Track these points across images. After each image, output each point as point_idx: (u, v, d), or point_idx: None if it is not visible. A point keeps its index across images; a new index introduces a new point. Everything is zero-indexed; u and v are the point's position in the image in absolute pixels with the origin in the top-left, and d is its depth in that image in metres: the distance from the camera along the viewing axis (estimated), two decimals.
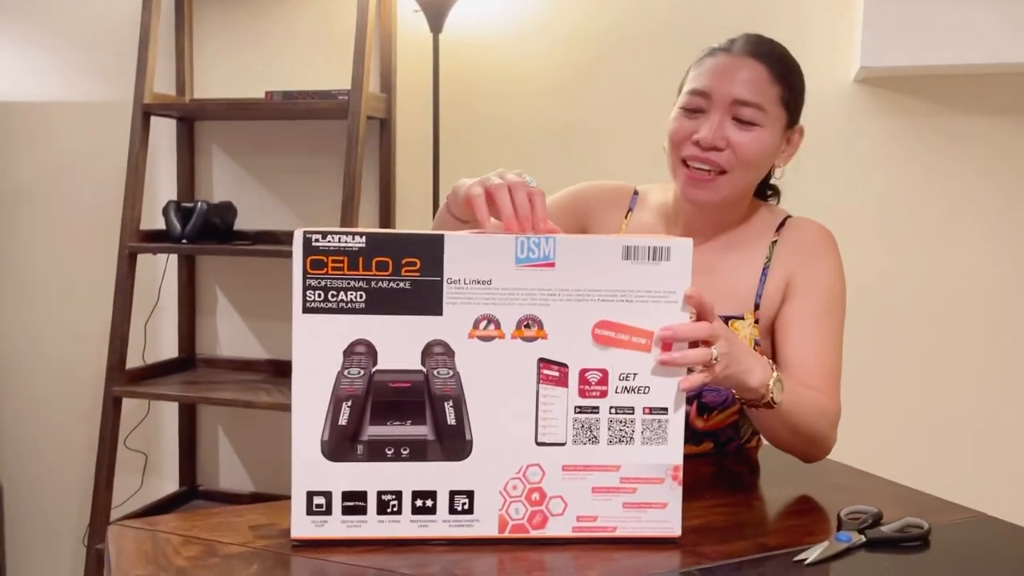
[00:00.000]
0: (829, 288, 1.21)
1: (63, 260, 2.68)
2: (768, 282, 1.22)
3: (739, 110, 1.15)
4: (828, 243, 1.24)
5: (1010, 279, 2.09)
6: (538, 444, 0.88)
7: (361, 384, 0.86)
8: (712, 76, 1.17)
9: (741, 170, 1.17)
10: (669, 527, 0.91)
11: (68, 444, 2.72)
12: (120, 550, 0.86)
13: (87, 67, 2.61)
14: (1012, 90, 2.06)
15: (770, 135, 1.18)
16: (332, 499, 0.87)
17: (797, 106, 1.23)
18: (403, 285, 0.85)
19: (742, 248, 1.25)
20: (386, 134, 2.38)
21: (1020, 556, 0.89)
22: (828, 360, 1.18)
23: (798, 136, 1.26)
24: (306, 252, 0.85)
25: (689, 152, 1.16)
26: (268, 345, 2.55)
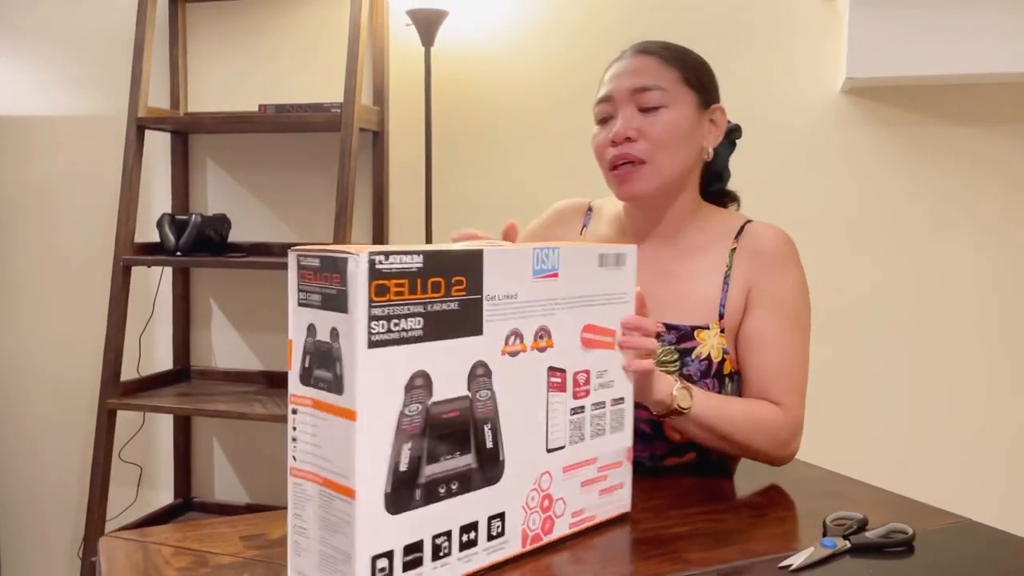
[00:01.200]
0: (790, 299, 1.21)
1: (58, 273, 2.68)
2: (730, 291, 1.22)
3: (640, 98, 1.19)
4: (787, 252, 1.23)
5: (995, 287, 2.11)
6: (548, 451, 0.90)
7: (419, 421, 0.76)
8: (610, 81, 1.23)
9: (660, 154, 1.19)
10: (625, 504, 1.00)
11: (63, 456, 2.72)
12: (111, 561, 0.87)
13: (81, 81, 2.62)
14: (998, 100, 2.08)
15: (678, 113, 1.20)
16: (394, 559, 0.75)
17: (704, 85, 1.24)
18: (452, 306, 0.78)
19: (701, 255, 1.25)
20: (379, 146, 2.40)
21: (1004, 561, 0.90)
22: (789, 372, 1.20)
23: (720, 115, 1.27)
24: (371, 277, 0.71)
25: (611, 155, 1.20)
26: (262, 357, 2.56)
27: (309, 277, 0.74)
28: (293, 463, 0.76)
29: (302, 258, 0.74)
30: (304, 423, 0.75)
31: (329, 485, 0.73)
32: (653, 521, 1.00)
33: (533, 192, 2.33)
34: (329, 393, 0.73)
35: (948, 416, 2.14)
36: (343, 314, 0.72)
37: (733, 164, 1.40)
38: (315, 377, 0.74)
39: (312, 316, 0.74)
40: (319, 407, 0.74)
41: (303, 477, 0.76)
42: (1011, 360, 2.11)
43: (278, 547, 0.90)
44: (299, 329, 0.75)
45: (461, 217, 2.38)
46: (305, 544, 0.76)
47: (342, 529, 0.73)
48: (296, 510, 0.77)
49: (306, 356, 0.75)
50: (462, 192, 2.39)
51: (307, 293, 0.74)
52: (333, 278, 0.72)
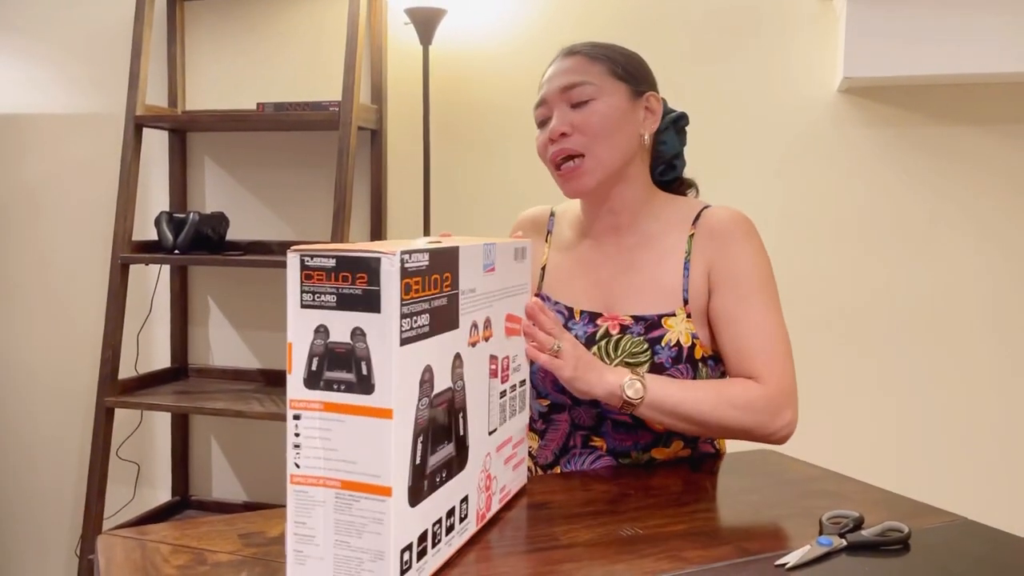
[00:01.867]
0: (751, 271, 1.22)
1: (55, 271, 2.68)
2: (691, 275, 1.24)
3: (571, 95, 1.23)
4: (742, 228, 1.24)
5: (993, 285, 2.11)
6: (488, 434, 0.95)
7: (426, 415, 0.78)
8: (543, 86, 1.27)
9: (596, 144, 1.22)
10: (524, 477, 1.09)
11: (61, 455, 2.72)
12: (109, 559, 0.87)
13: (79, 79, 2.62)
14: (995, 100, 2.08)
15: (608, 104, 1.22)
16: (413, 550, 0.77)
17: (632, 76, 1.26)
18: (444, 302, 0.81)
19: (658, 243, 1.27)
20: (377, 145, 2.40)
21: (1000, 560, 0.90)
22: (763, 344, 1.19)
23: (655, 101, 1.28)
24: (402, 276, 0.72)
25: (550, 153, 1.24)
26: (260, 355, 2.56)
27: (319, 278, 0.72)
28: (296, 470, 0.75)
29: (308, 259, 0.73)
30: (311, 428, 0.74)
31: (352, 487, 0.73)
32: (650, 519, 1.00)
33: (530, 190, 2.33)
34: (350, 394, 0.72)
35: (945, 415, 2.15)
36: (373, 314, 0.72)
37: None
38: (327, 380, 0.73)
39: (322, 317, 0.73)
40: (333, 409, 0.73)
41: (310, 483, 0.74)
42: (1009, 358, 2.11)
43: (276, 545, 0.91)
44: (304, 331, 0.73)
45: (459, 215, 2.38)
46: (312, 551, 0.75)
47: (372, 529, 0.73)
48: (299, 518, 0.75)
49: (313, 358, 0.73)
50: (460, 190, 2.39)
51: (315, 294, 0.73)
52: (358, 278, 0.72)
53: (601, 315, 1.26)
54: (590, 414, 1.26)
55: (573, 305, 1.29)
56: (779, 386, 1.18)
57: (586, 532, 0.96)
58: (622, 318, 1.24)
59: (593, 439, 1.26)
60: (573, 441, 1.27)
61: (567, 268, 1.33)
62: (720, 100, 2.22)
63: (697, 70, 2.22)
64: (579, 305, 1.28)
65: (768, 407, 1.16)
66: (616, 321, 1.24)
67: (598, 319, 1.25)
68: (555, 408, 1.28)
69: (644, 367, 1.20)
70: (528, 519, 1.00)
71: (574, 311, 1.28)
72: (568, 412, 1.27)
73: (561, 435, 1.28)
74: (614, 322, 1.24)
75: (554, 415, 1.29)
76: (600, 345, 1.23)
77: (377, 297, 0.72)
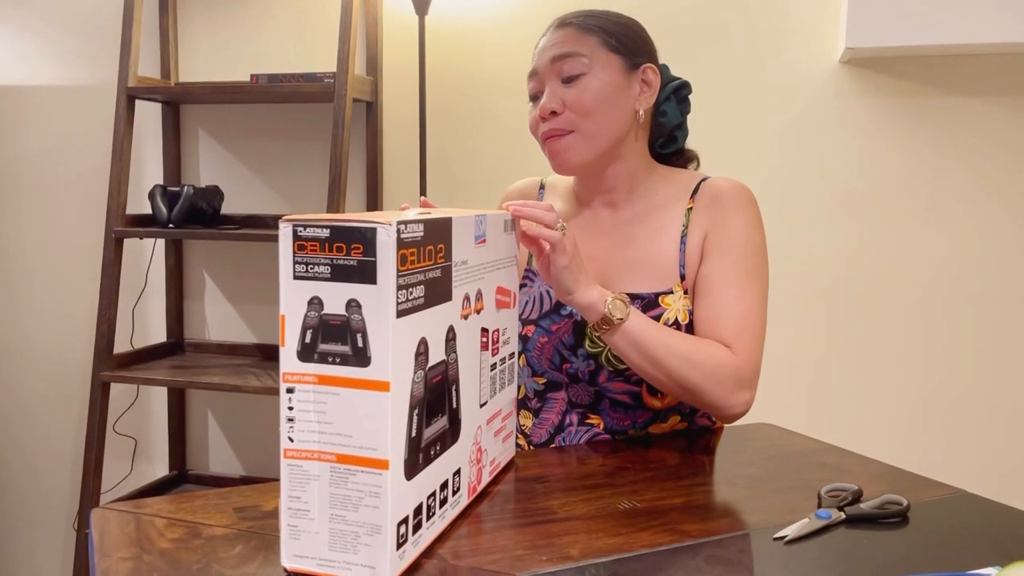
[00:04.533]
0: (742, 242, 1.19)
1: (49, 245, 2.67)
2: (687, 249, 1.21)
3: (561, 67, 1.19)
4: (741, 198, 1.21)
5: (994, 258, 2.10)
6: (480, 407, 0.94)
7: (421, 388, 0.78)
8: (535, 58, 1.23)
9: (586, 121, 1.19)
10: (512, 450, 1.08)
11: (57, 430, 2.72)
12: (104, 533, 0.86)
13: (71, 51, 2.59)
14: (998, 70, 2.06)
15: (600, 78, 1.18)
16: (408, 523, 0.78)
17: (627, 46, 1.21)
18: (438, 273, 0.80)
19: (657, 216, 1.24)
20: (372, 116, 2.37)
21: (998, 532, 0.90)
22: (740, 316, 1.16)
23: (652, 74, 1.24)
24: (398, 246, 0.71)
25: (541, 131, 1.21)
26: (256, 329, 2.55)
27: (312, 248, 0.71)
28: (289, 444, 0.74)
29: (301, 228, 0.71)
30: (305, 401, 0.73)
31: (347, 460, 0.72)
32: (648, 492, 1.00)
33: (526, 162, 2.31)
34: (345, 367, 0.71)
35: (944, 388, 2.15)
36: (369, 285, 0.70)
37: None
38: (321, 352, 0.72)
39: (316, 288, 0.71)
40: (328, 382, 0.72)
41: (304, 457, 0.73)
42: (1008, 333, 2.11)
43: (271, 519, 0.90)
44: (297, 303, 0.72)
45: (455, 187, 2.37)
46: (306, 526, 0.74)
47: (368, 502, 0.72)
48: (293, 492, 0.74)
49: (307, 331, 0.72)
50: (456, 162, 2.37)
51: (309, 265, 0.71)
52: (353, 248, 0.70)
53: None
54: (588, 392, 1.24)
55: None
56: (747, 362, 1.14)
57: (583, 505, 0.95)
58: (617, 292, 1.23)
59: (590, 417, 1.25)
60: (569, 419, 1.26)
61: None
62: (720, 72, 2.19)
63: (697, 42, 2.19)
64: None
65: (730, 379, 1.13)
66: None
67: None
68: (552, 387, 1.27)
69: None
70: (525, 492, 1.00)
71: None
72: (565, 390, 1.26)
73: (557, 413, 1.27)
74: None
75: (550, 393, 1.27)
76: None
77: (373, 268, 0.70)
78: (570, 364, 1.24)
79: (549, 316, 1.25)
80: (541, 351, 1.25)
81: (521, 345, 1.29)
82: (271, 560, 0.81)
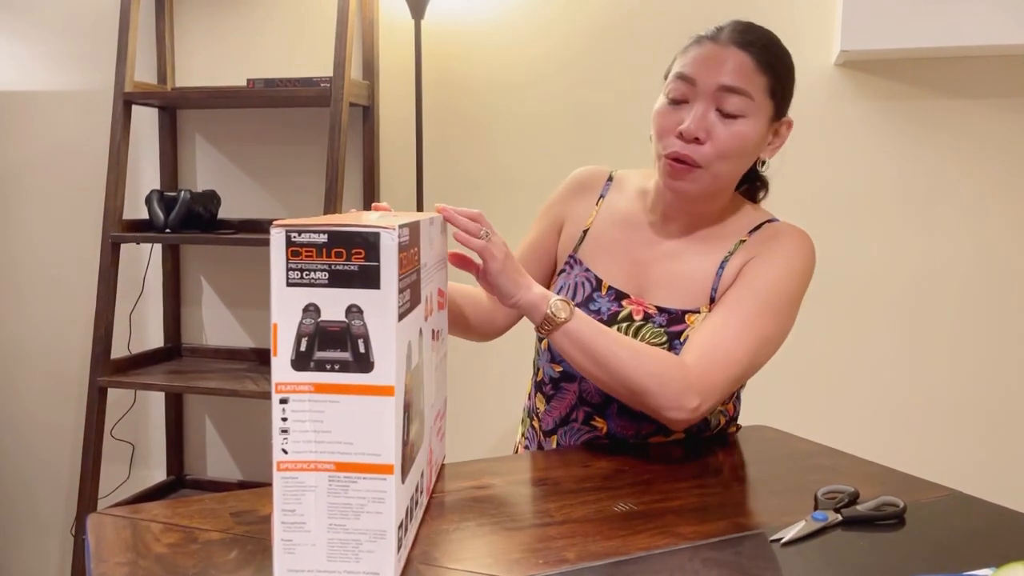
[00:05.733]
0: (771, 282, 1.15)
1: (46, 251, 2.67)
2: (724, 274, 1.20)
3: (724, 99, 1.13)
4: (797, 245, 1.18)
5: (989, 260, 2.11)
6: (430, 407, 0.95)
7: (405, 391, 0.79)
8: (697, 64, 1.15)
9: (721, 163, 1.15)
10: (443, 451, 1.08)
11: (54, 435, 2.72)
12: (100, 538, 0.86)
13: (67, 55, 2.59)
14: (993, 73, 2.07)
15: (754, 127, 1.15)
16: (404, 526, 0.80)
17: (785, 97, 1.20)
18: (415, 277, 0.80)
19: (708, 243, 1.23)
20: (369, 121, 2.37)
21: (994, 533, 0.90)
22: (721, 341, 1.11)
23: (786, 129, 1.22)
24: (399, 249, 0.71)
25: (671, 146, 1.16)
26: (253, 334, 2.55)
27: (308, 254, 0.69)
28: (283, 456, 0.71)
29: (295, 234, 0.69)
30: (301, 411, 0.71)
31: (348, 468, 0.72)
32: (644, 495, 1.00)
33: (524, 165, 2.31)
34: (346, 374, 0.70)
35: (941, 389, 2.15)
36: (372, 290, 0.69)
37: None
38: (318, 360, 0.70)
39: (311, 295, 0.69)
40: (326, 390, 0.71)
41: (300, 469, 0.72)
42: (1004, 334, 2.11)
43: (267, 523, 0.90)
44: (291, 311, 0.70)
45: (452, 191, 2.37)
46: (302, 539, 0.73)
47: (372, 508, 0.72)
48: (287, 506, 0.72)
49: (302, 339, 0.70)
50: (453, 166, 2.37)
51: (304, 271, 0.69)
52: (354, 253, 0.69)
53: (628, 297, 1.23)
54: (599, 391, 1.24)
55: (604, 278, 1.26)
56: (702, 379, 1.09)
57: (580, 508, 0.95)
58: (647, 306, 1.22)
59: (596, 419, 1.25)
60: (576, 415, 1.26)
61: (609, 240, 1.28)
62: None
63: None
64: (609, 280, 1.26)
65: (678, 383, 1.08)
66: (641, 307, 1.22)
67: (624, 299, 1.23)
68: (566, 377, 1.26)
69: None
70: (522, 495, 1.00)
71: (602, 284, 1.26)
72: (578, 383, 1.25)
73: (566, 405, 1.27)
74: (639, 307, 1.22)
75: (564, 383, 1.27)
76: (621, 327, 1.21)
77: (376, 273, 0.69)
78: None
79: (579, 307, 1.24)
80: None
81: None
82: (267, 565, 0.81)
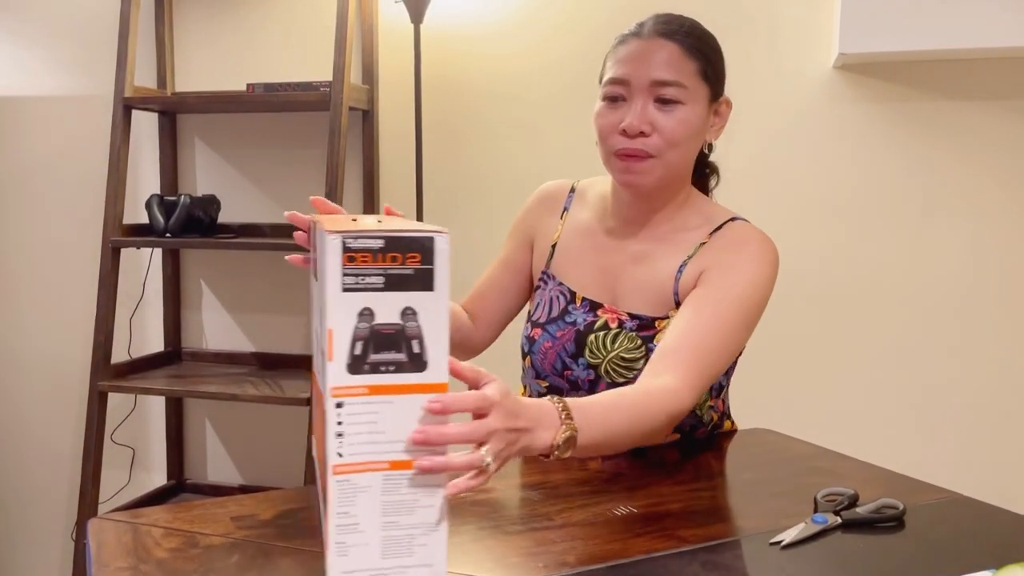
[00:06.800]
0: (737, 283, 1.14)
1: (46, 255, 2.67)
2: (682, 279, 1.19)
3: (659, 91, 1.15)
4: (759, 249, 1.17)
5: (989, 262, 2.11)
6: None
7: None
8: (628, 62, 1.17)
9: (672, 151, 1.16)
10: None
11: (55, 440, 2.71)
12: (101, 543, 0.87)
13: (67, 61, 2.59)
14: (991, 75, 2.07)
15: (694, 111, 1.17)
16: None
17: (718, 78, 1.21)
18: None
19: (673, 240, 1.23)
20: (368, 125, 2.38)
21: (994, 536, 0.90)
22: (696, 343, 1.09)
23: (725, 107, 1.24)
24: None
25: (618, 143, 1.17)
26: (254, 338, 2.55)
27: (364, 259, 0.70)
28: (338, 459, 0.72)
29: (351, 240, 0.70)
30: (356, 414, 0.72)
31: (402, 466, 0.73)
32: (644, 498, 1.00)
33: (523, 170, 2.32)
34: (400, 374, 0.72)
35: (939, 392, 2.15)
36: (426, 292, 0.72)
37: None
38: (372, 362, 0.72)
39: (366, 300, 0.71)
40: (381, 391, 0.72)
41: (354, 471, 0.72)
42: (1002, 337, 2.12)
43: (268, 527, 0.90)
44: (346, 316, 0.71)
45: (451, 195, 2.37)
46: (356, 540, 0.73)
47: (425, 502, 0.74)
48: (343, 508, 0.72)
49: (357, 343, 0.71)
50: (453, 170, 2.37)
51: (359, 276, 0.71)
52: (410, 257, 0.71)
53: (602, 306, 1.25)
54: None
55: (577, 290, 1.27)
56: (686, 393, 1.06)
57: (580, 512, 0.95)
58: (620, 313, 1.23)
59: None
60: None
61: (577, 251, 1.29)
62: None
63: None
64: (583, 291, 1.27)
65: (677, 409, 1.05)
66: (615, 315, 1.23)
67: (599, 309, 1.24)
68: (553, 391, 1.27)
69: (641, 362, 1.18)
70: (521, 499, 1.00)
71: (576, 296, 1.27)
72: (566, 395, 1.26)
73: None
74: (613, 315, 1.23)
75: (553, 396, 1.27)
76: (597, 335, 1.22)
77: (430, 276, 0.72)
78: (571, 371, 1.25)
79: (556, 322, 1.26)
80: (545, 355, 1.26)
81: (528, 347, 1.29)
82: (268, 569, 0.81)
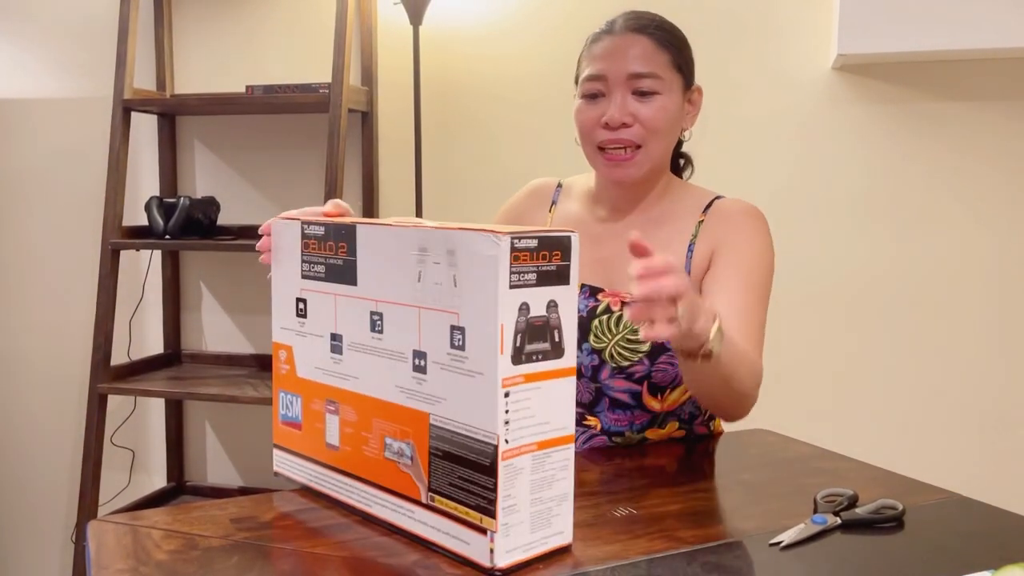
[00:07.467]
0: (752, 257, 1.20)
1: (45, 258, 2.67)
2: (694, 258, 1.24)
3: (636, 83, 1.20)
4: (755, 218, 1.24)
5: (988, 263, 2.11)
6: None
7: None
8: (603, 59, 1.22)
9: (654, 140, 1.21)
10: None
11: (54, 442, 2.71)
12: (100, 545, 0.87)
13: (66, 63, 2.59)
14: (990, 76, 2.07)
15: (671, 99, 1.22)
16: None
17: (689, 68, 1.26)
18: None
19: (668, 224, 1.27)
20: (368, 127, 2.38)
21: (993, 536, 0.90)
22: (751, 320, 1.16)
23: (698, 95, 1.29)
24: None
25: (601, 137, 1.21)
26: (253, 340, 2.55)
27: (524, 258, 0.77)
28: (506, 446, 0.77)
29: (517, 240, 0.76)
30: (518, 401, 0.78)
31: (546, 445, 0.81)
32: (644, 499, 1.00)
33: (522, 171, 2.31)
34: (546, 361, 0.80)
35: (939, 392, 2.15)
36: (563, 286, 0.80)
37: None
38: (527, 352, 0.78)
39: (524, 295, 0.77)
40: (533, 378, 0.79)
41: (515, 455, 0.78)
42: (1002, 337, 2.12)
43: (268, 529, 0.90)
44: (512, 311, 0.77)
45: (451, 197, 2.37)
46: (514, 519, 0.79)
47: (560, 476, 0.82)
48: (507, 491, 0.78)
49: (517, 335, 0.77)
50: (452, 172, 2.37)
51: (522, 274, 0.77)
52: (554, 255, 0.79)
53: (603, 290, 1.26)
54: (589, 389, 1.25)
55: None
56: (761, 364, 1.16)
57: (580, 513, 0.95)
58: (623, 294, 1.24)
59: (587, 418, 1.26)
60: None
61: None
62: (712, 78, 2.20)
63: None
64: (580, 279, 1.28)
65: (759, 380, 1.14)
66: (618, 297, 1.24)
67: (599, 294, 1.25)
68: None
69: (646, 344, 1.19)
70: None
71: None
72: None
73: None
74: (615, 298, 1.24)
75: None
76: (601, 319, 1.23)
77: (567, 271, 0.80)
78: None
79: None
80: None
81: None
82: (267, 571, 0.81)
